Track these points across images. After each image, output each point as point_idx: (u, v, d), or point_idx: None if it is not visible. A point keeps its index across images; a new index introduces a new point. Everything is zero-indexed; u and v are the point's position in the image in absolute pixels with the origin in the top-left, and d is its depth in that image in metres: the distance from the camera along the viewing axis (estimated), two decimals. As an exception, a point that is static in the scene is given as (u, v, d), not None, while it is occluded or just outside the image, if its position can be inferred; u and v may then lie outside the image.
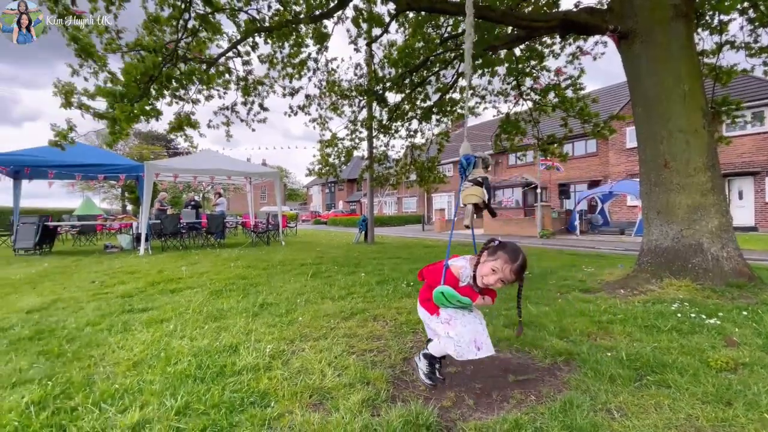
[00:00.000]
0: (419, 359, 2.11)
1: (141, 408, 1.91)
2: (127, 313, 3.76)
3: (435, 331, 1.99)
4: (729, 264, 4.22)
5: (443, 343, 1.90)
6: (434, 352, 2.03)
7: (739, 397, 1.90)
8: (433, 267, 1.99)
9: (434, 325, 1.96)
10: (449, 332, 1.86)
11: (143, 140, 38.65)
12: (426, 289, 1.99)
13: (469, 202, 2.01)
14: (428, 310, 1.97)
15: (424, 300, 2.01)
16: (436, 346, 2.00)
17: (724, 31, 6.93)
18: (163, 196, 13.59)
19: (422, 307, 2.03)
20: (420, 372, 2.08)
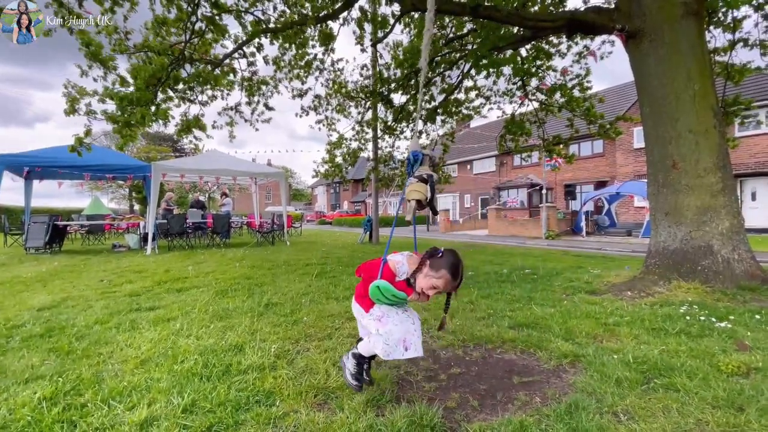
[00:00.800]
0: (347, 359, 2.02)
1: (149, 405, 1.93)
2: (135, 311, 3.80)
3: (367, 328, 1.97)
4: (741, 266, 4.16)
5: (373, 341, 1.84)
6: (363, 351, 1.97)
7: (751, 402, 1.87)
8: (371, 263, 1.93)
9: (366, 321, 1.94)
10: (379, 329, 1.83)
11: (151, 141, 39.04)
12: (362, 285, 1.94)
13: (412, 198, 2.03)
14: (363, 307, 1.94)
15: (359, 296, 1.97)
16: (365, 345, 1.94)
17: (738, 28, 6.82)
18: (169, 196, 13.70)
19: (357, 303, 1.98)
20: (346, 372, 1.99)
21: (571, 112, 8.78)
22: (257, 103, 8.61)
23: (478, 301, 4.10)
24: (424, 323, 3.35)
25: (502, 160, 27.24)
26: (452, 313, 3.63)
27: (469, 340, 2.92)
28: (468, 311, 3.73)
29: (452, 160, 29.65)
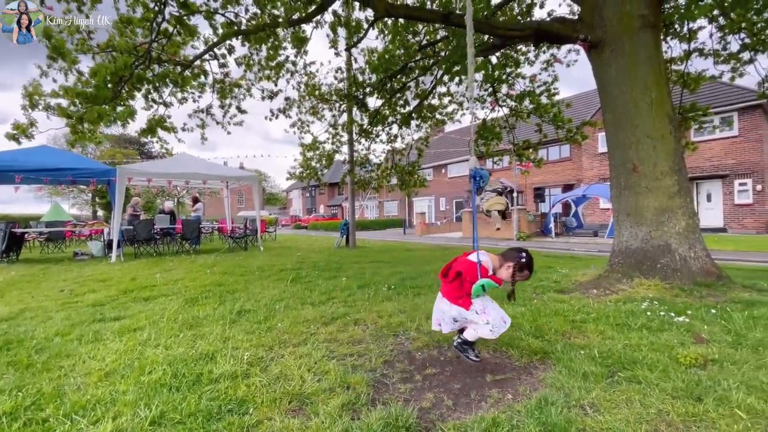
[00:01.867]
0: (460, 347, 2.48)
1: (114, 419, 1.85)
2: (99, 322, 3.62)
3: (469, 321, 2.40)
4: (697, 264, 4.42)
5: (479, 329, 2.35)
6: (470, 338, 2.44)
7: (709, 392, 1.98)
8: (465, 267, 2.33)
9: (471, 316, 2.36)
10: (487, 319, 2.32)
11: (116, 144, 37.41)
12: (456, 288, 2.38)
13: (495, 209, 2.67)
14: (464, 306, 2.35)
15: (456, 298, 2.38)
16: (471, 333, 2.42)
17: (693, 38, 7.27)
18: (136, 201, 13.15)
19: (456, 305, 2.37)
20: (467, 356, 2.45)
21: (539, 118, 9.10)
22: (229, 106, 8.44)
23: (453, 303, 4.16)
24: (400, 325, 3.37)
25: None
26: (428, 314, 3.67)
27: (444, 340, 2.96)
28: (443, 312, 3.78)
29: (427, 164, 30.01)
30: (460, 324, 2.48)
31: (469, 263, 2.33)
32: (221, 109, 8.38)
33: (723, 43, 7.18)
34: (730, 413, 1.80)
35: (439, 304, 2.49)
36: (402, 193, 13.12)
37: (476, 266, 2.27)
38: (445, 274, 2.44)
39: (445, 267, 2.47)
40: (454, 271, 2.37)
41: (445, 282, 2.44)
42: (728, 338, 2.78)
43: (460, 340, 2.49)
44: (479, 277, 2.22)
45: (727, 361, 2.37)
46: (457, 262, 2.41)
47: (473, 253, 2.38)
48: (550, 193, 23.21)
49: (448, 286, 2.42)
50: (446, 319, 2.46)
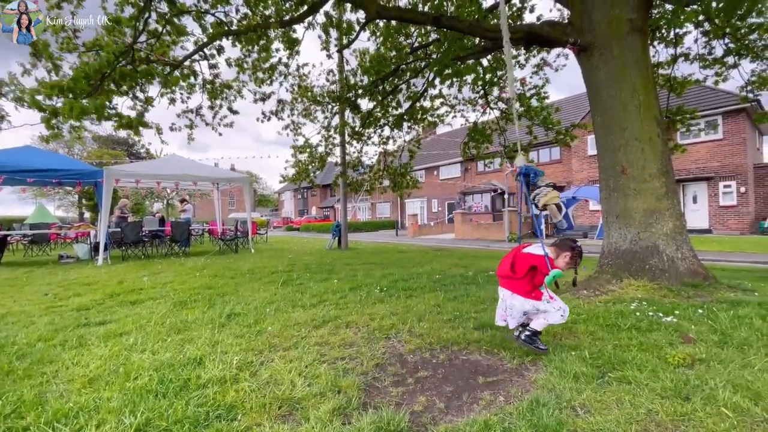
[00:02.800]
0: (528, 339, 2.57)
1: (97, 426, 1.80)
2: (83, 327, 3.54)
3: (541, 311, 2.55)
4: (684, 264, 4.48)
5: (551, 317, 2.55)
6: (540, 327, 2.57)
7: (696, 391, 2.01)
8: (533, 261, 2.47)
9: (544, 306, 2.53)
10: (558, 305, 2.56)
11: (102, 144, 36.80)
12: (528, 282, 2.52)
13: (553, 202, 2.72)
14: (537, 298, 2.53)
15: (528, 293, 2.52)
16: (541, 323, 2.57)
17: (679, 43, 7.42)
18: (124, 203, 12.93)
19: (530, 299, 2.52)
20: (536, 347, 2.55)
21: (530, 121, 9.19)
22: (219, 107, 8.35)
23: (445, 304, 4.16)
24: (392, 327, 3.36)
25: (466, 166, 27.98)
26: (420, 316, 3.67)
27: (436, 342, 2.95)
28: (435, 314, 3.78)
29: (419, 166, 30.09)
30: (527, 317, 2.61)
31: (539, 257, 2.46)
32: (211, 110, 8.29)
33: (708, 48, 7.34)
34: (717, 412, 1.82)
35: (509, 300, 2.58)
36: (394, 195, 13.14)
37: (544, 259, 2.42)
38: (512, 270, 2.54)
39: (506, 264, 2.58)
40: (524, 267, 2.49)
41: (514, 279, 2.54)
42: (715, 338, 2.81)
43: (528, 332, 2.58)
44: (550, 269, 2.36)
45: (714, 361, 2.39)
46: (523, 257, 2.54)
47: (531, 246, 2.57)
48: (540, 194, 23.40)
49: (519, 281, 2.53)
50: (515, 313, 2.57)
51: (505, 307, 2.62)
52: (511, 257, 2.60)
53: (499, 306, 2.69)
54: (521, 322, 2.63)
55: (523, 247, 2.63)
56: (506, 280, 2.61)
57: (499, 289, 2.72)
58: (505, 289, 2.63)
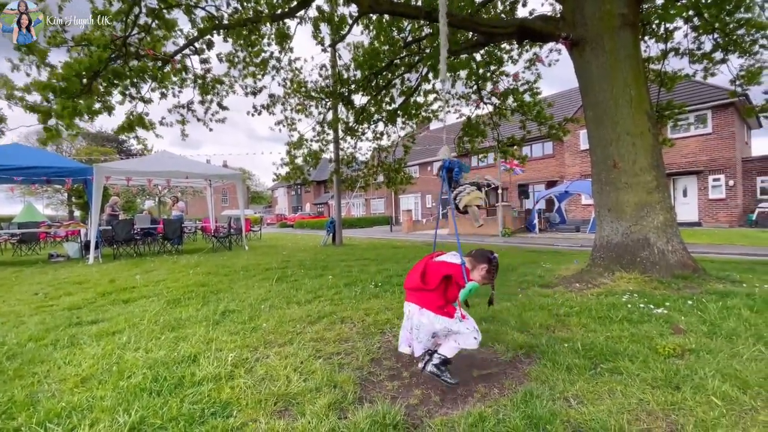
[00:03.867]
0: (436, 369, 2.12)
1: (91, 426, 1.79)
2: (75, 326, 3.50)
3: (452, 332, 2.11)
4: (674, 257, 4.55)
5: (463, 339, 2.11)
6: (450, 354, 2.16)
7: (686, 381, 2.05)
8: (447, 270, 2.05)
9: (456, 326, 2.09)
10: (472, 326, 2.14)
11: (92, 141, 36.24)
12: (440, 295, 2.09)
13: (475, 203, 2.37)
14: (449, 316, 2.08)
15: (440, 308, 2.07)
16: (451, 347, 2.14)
17: (670, 38, 7.47)
18: (115, 200, 12.77)
19: (441, 315, 2.06)
20: (444, 379, 2.11)
21: (523, 115, 9.22)
22: (211, 102, 8.26)
23: (439, 299, 4.18)
24: (387, 322, 3.37)
25: (461, 161, 28.00)
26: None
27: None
28: (429, 309, 3.79)
29: (414, 162, 30.08)
30: (436, 340, 2.18)
31: (455, 266, 2.05)
32: (202, 105, 8.20)
33: (697, 43, 7.40)
34: (707, 401, 1.86)
35: (416, 318, 2.08)
36: (388, 191, 13.11)
37: (460, 268, 2.02)
38: (423, 281, 2.07)
39: (416, 274, 2.10)
40: (437, 276, 2.05)
41: (425, 290, 2.07)
42: (704, 328, 2.86)
43: (437, 360, 2.14)
44: (467, 281, 1.97)
45: (703, 351, 2.44)
46: (436, 265, 2.11)
47: (445, 255, 2.17)
48: (533, 189, 23.55)
49: (430, 294, 2.06)
50: (422, 335, 2.09)
51: (411, 326, 2.12)
52: (421, 266, 2.14)
53: (404, 326, 2.20)
54: (428, 348, 2.17)
55: (435, 255, 2.22)
56: (415, 292, 2.13)
57: (405, 305, 2.22)
58: (412, 303, 2.13)
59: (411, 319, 2.13)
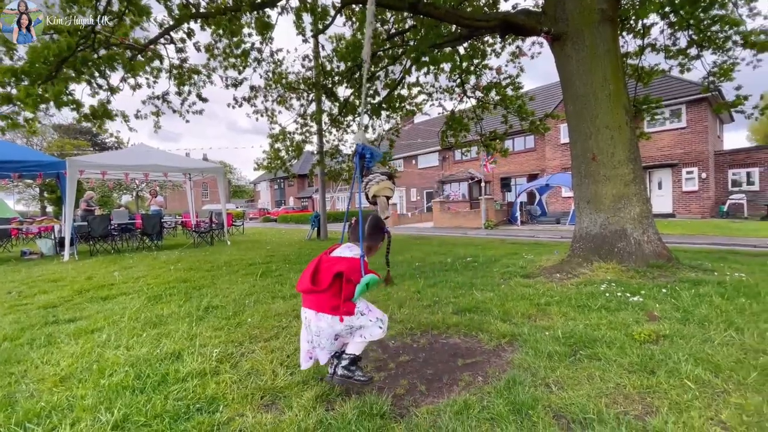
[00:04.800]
0: (346, 371, 1.94)
1: (72, 425, 1.75)
2: (51, 324, 3.40)
3: (355, 329, 1.92)
4: (649, 247, 4.71)
5: (368, 332, 1.93)
6: (359, 351, 1.99)
7: (661, 365, 2.14)
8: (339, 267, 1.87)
9: (358, 321, 1.91)
10: (375, 316, 1.95)
11: (64, 134, 34.82)
12: (334, 295, 1.87)
13: (384, 194, 2.18)
14: (348, 314, 1.87)
15: (335, 308, 1.85)
16: (358, 344, 1.98)
17: (647, 34, 7.66)
18: (90, 195, 12.34)
19: (336, 316, 1.85)
20: (356, 379, 1.95)
21: (505, 110, 9.32)
22: (188, 93, 8.03)
23: (425, 290, 4.23)
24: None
25: (444, 155, 28.16)
26: (400, 303, 3.71)
27: (416, 327, 3.01)
28: (415, 300, 3.84)
29: (398, 155, 30.08)
30: (341, 341, 2.00)
31: (348, 261, 1.91)
32: (179, 96, 7.96)
33: (673, 39, 7.61)
34: (681, 384, 1.94)
35: (314, 324, 1.89)
36: (373, 184, 13.04)
37: (359, 262, 1.88)
38: (314, 282, 1.88)
39: (308, 274, 1.90)
40: (328, 275, 1.85)
41: (317, 292, 1.87)
42: (677, 315, 2.99)
43: (345, 360, 1.96)
44: (363, 274, 1.84)
45: (677, 336, 2.55)
46: (329, 262, 1.93)
47: (340, 248, 2.05)
48: (515, 182, 23.93)
49: (323, 296, 1.87)
50: (324, 341, 1.92)
51: (310, 337, 1.94)
52: (313, 265, 1.93)
53: (303, 337, 2.01)
54: (334, 352, 2.01)
55: (330, 251, 2.07)
56: (308, 296, 1.93)
57: (301, 312, 2.00)
58: (307, 309, 1.93)
59: (309, 327, 1.93)
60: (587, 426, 1.65)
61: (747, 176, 17.44)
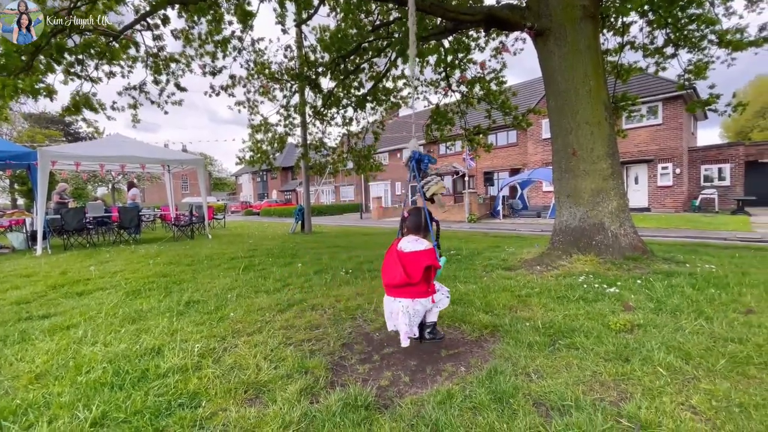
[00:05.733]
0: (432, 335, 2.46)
1: (49, 423, 1.71)
2: (25, 321, 3.28)
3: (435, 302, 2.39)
4: (626, 240, 4.86)
5: (442, 303, 2.45)
6: (435, 318, 2.48)
7: (635, 354, 2.22)
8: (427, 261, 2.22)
9: (437, 298, 2.40)
10: (445, 290, 2.49)
11: (35, 123, 33.30)
12: (423, 284, 2.26)
13: (440, 192, 2.65)
14: (431, 295, 2.34)
15: (426, 292, 2.29)
16: (435, 314, 2.45)
17: (626, 32, 7.81)
18: (63, 187, 11.88)
19: (428, 298, 2.31)
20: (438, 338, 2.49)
21: (489, 104, 9.39)
22: (166, 83, 7.79)
23: (409, 284, 4.25)
24: (358, 308, 3.40)
25: (429, 148, 28.24)
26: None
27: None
28: (399, 294, 3.86)
29: (383, 149, 29.99)
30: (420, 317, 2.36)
31: (428, 253, 2.24)
32: (156, 85, 7.72)
33: (651, 38, 7.80)
34: (653, 371, 2.03)
35: (412, 308, 2.24)
36: (358, 178, 13.03)
37: (434, 252, 2.28)
38: (408, 276, 2.19)
39: (397, 271, 2.21)
40: (419, 270, 2.18)
41: (412, 285, 2.21)
42: (651, 305, 3.11)
43: (429, 328, 2.44)
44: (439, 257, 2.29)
45: (650, 326, 2.65)
46: (411, 257, 2.23)
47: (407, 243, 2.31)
48: (498, 177, 24.23)
49: (418, 286, 2.22)
50: (417, 319, 2.29)
51: (407, 319, 2.24)
52: (396, 262, 2.25)
53: (401, 321, 2.26)
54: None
55: (396, 244, 2.38)
56: (402, 288, 2.25)
57: (390, 302, 2.33)
58: (403, 298, 2.25)
59: (407, 312, 2.25)
60: (565, 413, 1.70)
61: (718, 172, 18.13)
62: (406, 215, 2.47)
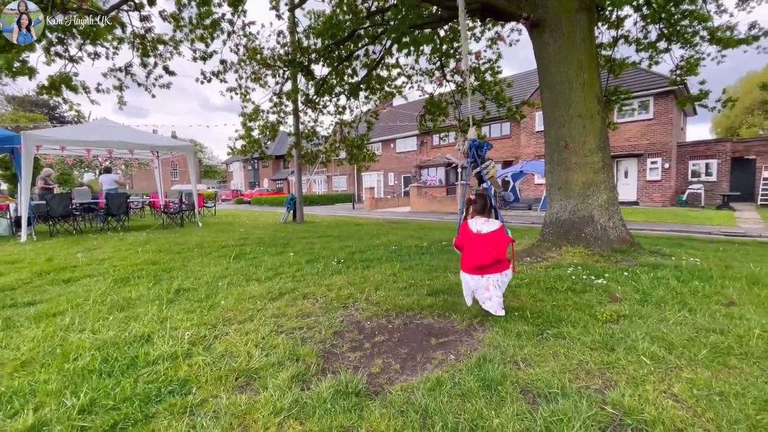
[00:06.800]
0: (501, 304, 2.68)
1: (35, 410, 1.69)
2: (9, 308, 3.23)
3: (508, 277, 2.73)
4: (614, 233, 4.94)
5: (508, 276, 2.72)
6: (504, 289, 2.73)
7: (620, 343, 2.27)
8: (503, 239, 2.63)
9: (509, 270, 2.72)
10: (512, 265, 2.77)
11: (18, 106, 32.32)
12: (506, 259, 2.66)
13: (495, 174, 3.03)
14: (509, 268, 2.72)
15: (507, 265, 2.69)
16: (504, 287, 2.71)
17: (620, 26, 7.81)
18: (48, 172, 11.59)
19: (509, 269, 2.71)
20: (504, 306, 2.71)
21: (483, 95, 9.36)
22: (154, 65, 7.59)
23: (401, 273, 4.28)
24: (350, 297, 3.41)
25: (422, 139, 28.16)
26: (377, 285, 3.75)
27: (392, 309, 3.05)
28: (391, 282, 3.89)
29: (376, 138, 29.82)
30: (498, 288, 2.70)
31: (502, 231, 2.66)
32: (143, 68, 7.52)
33: (644, 32, 7.81)
34: (638, 360, 2.08)
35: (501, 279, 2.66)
36: (351, 168, 12.94)
37: (504, 229, 2.67)
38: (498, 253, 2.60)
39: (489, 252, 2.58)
40: (504, 247, 2.62)
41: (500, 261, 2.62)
42: (637, 296, 3.17)
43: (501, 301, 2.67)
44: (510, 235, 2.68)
45: (636, 316, 2.71)
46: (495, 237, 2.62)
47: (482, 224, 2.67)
48: (491, 168, 24.26)
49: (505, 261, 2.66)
50: (503, 289, 2.70)
51: (499, 291, 2.66)
52: (483, 244, 2.61)
53: (492, 293, 2.64)
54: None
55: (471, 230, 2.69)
56: (494, 265, 2.63)
57: (477, 280, 2.68)
58: (493, 274, 2.64)
59: (497, 285, 2.65)
60: (551, 400, 1.74)
61: (706, 167, 18.42)
62: (472, 198, 2.79)
